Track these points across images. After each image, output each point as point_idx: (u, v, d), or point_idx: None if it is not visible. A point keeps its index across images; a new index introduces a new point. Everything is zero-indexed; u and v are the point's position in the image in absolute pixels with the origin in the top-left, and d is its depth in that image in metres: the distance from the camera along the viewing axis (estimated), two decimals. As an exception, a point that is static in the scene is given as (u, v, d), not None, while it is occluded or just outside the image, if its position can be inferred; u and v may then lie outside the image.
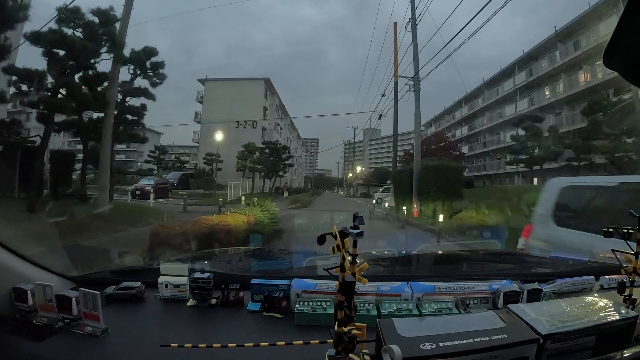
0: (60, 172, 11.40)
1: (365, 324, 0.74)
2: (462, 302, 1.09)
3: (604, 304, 0.83)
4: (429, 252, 1.88)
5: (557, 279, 1.21)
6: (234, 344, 0.85)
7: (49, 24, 9.69)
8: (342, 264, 0.70)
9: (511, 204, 9.04)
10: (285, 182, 29.48)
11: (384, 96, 18.16)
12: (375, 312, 1.02)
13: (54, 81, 9.94)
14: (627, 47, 0.60)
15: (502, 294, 1.07)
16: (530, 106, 23.02)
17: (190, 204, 12.50)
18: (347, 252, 0.69)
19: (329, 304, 1.03)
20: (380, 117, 18.83)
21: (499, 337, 0.68)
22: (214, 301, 1.12)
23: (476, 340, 0.66)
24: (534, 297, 1.08)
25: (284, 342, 0.86)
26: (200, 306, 1.13)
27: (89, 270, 1.37)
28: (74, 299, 0.94)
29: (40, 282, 0.99)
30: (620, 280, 0.95)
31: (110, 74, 10.63)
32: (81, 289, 0.96)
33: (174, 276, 1.17)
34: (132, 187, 14.73)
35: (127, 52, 11.53)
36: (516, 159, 20.74)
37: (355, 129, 34.75)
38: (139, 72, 12.74)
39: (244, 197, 11.71)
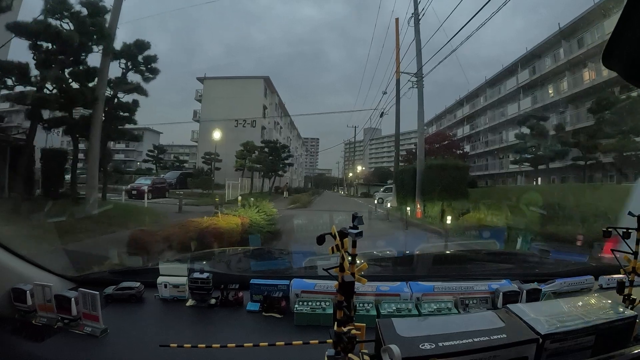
0: (52, 171, 10.88)
1: (364, 324, 0.74)
2: (461, 302, 1.09)
3: (603, 304, 0.83)
4: (428, 252, 1.88)
5: (557, 279, 1.21)
6: (234, 344, 0.85)
7: (36, 15, 9.11)
8: (341, 264, 0.70)
9: (522, 205, 8.64)
10: (285, 182, 29.20)
11: (385, 94, 17.56)
12: (374, 312, 1.02)
13: (39, 75, 9.26)
14: (627, 47, 0.60)
15: (501, 293, 1.08)
16: (533, 105, 22.57)
17: (187, 204, 12.21)
18: (347, 252, 0.69)
19: (328, 304, 1.03)
20: (381, 115, 18.00)
21: (499, 337, 0.68)
22: (213, 301, 1.12)
23: (475, 340, 0.66)
24: (533, 297, 1.09)
25: (283, 342, 0.86)
26: (199, 306, 1.13)
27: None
28: (73, 299, 0.94)
29: (39, 283, 0.99)
30: (619, 280, 0.95)
31: (100, 68, 9.89)
32: (80, 289, 0.96)
33: (173, 276, 1.17)
34: (129, 186, 14.32)
35: (118, 46, 10.89)
36: (522, 158, 20.10)
37: (355, 128, 34.67)
38: (130, 67, 11.87)
39: (240, 197, 11.47)
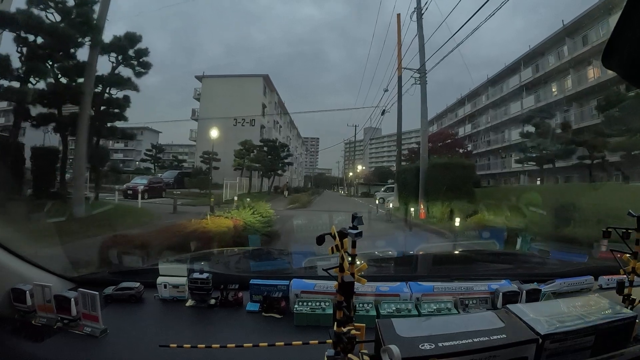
0: (42, 170, 10.31)
1: (364, 324, 0.74)
2: (461, 302, 1.09)
3: (603, 304, 0.83)
4: (427, 252, 1.88)
5: (556, 279, 1.21)
6: (233, 345, 0.85)
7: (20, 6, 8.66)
8: (341, 264, 0.70)
9: (534, 205, 8.01)
10: (285, 182, 28.93)
11: (386, 91, 16.96)
12: (374, 313, 1.02)
13: (21, 68, 8.80)
14: (627, 47, 0.60)
15: (501, 294, 1.08)
16: (536, 103, 22.06)
17: (183, 204, 11.86)
18: (346, 252, 0.69)
19: (328, 304, 1.03)
20: (383, 113, 17.41)
21: (498, 337, 0.68)
22: (213, 301, 1.12)
23: (475, 340, 0.67)
24: (533, 297, 1.09)
25: (283, 343, 0.86)
26: (199, 306, 1.13)
27: None
28: (72, 299, 0.94)
29: (39, 283, 0.99)
30: (619, 280, 0.95)
31: (88, 62, 9.25)
32: (80, 289, 0.96)
33: (173, 277, 1.17)
34: (124, 186, 13.95)
35: (109, 39, 10.41)
36: (527, 157, 19.24)
37: (356, 127, 34.41)
38: (121, 61, 11.22)
39: (236, 198, 11.15)
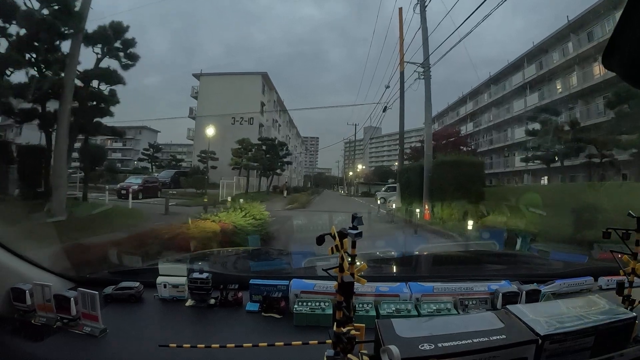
0: (28, 169, 9.76)
1: (364, 325, 0.74)
2: (460, 302, 1.09)
3: (603, 305, 0.83)
4: (427, 252, 1.88)
5: (556, 280, 1.21)
6: (233, 345, 0.85)
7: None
8: (340, 265, 0.70)
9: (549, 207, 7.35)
10: (284, 181, 28.65)
11: (388, 87, 16.33)
12: (374, 313, 1.02)
13: None
14: (627, 48, 0.60)
15: (500, 294, 1.08)
16: (540, 101, 21.51)
17: (178, 204, 11.44)
18: (346, 252, 0.69)
19: (327, 304, 1.03)
20: (384, 110, 16.76)
21: (498, 337, 0.68)
22: (212, 301, 1.12)
23: (475, 340, 0.67)
24: (533, 297, 1.09)
25: (282, 343, 0.86)
26: (199, 306, 1.13)
27: None
28: (72, 299, 0.94)
29: (38, 282, 0.99)
30: (618, 281, 0.95)
31: (70, 52, 8.58)
32: (80, 289, 0.96)
33: (173, 276, 1.17)
34: (118, 186, 13.48)
35: (94, 29, 9.73)
36: (534, 156, 18.59)
37: (356, 125, 34.17)
38: (106, 52, 10.42)
39: (229, 198, 10.66)
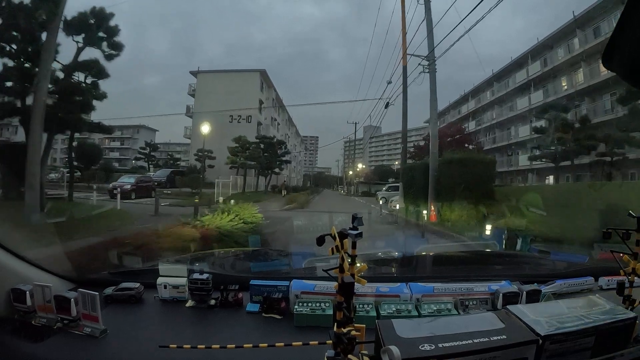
0: (10, 168, 8.88)
1: (364, 325, 0.74)
2: (461, 303, 1.09)
3: (603, 305, 0.83)
4: (428, 253, 1.88)
5: (557, 280, 1.21)
6: (233, 345, 0.85)
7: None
8: (341, 265, 0.70)
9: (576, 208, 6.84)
10: (283, 180, 28.13)
11: (390, 83, 15.58)
12: (374, 313, 1.02)
13: None
14: (627, 48, 0.60)
15: (501, 294, 1.08)
16: (545, 98, 20.87)
17: (172, 205, 10.89)
18: (346, 253, 0.69)
19: (328, 305, 1.03)
20: (387, 106, 15.87)
21: (498, 338, 0.68)
22: (213, 302, 1.12)
23: (475, 341, 0.66)
24: (533, 298, 1.08)
25: (283, 343, 0.86)
26: (199, 307, 1.12)
27: None
28: (72, 299, 0.94)
29: (39, 283, 0.99)
30: (619, 281, 0.95)
31: (46, 41, 7.84)
32: (80, 289, 0.96)
33: (173, 277, 1.17)
34: (110, 185, 12.99)
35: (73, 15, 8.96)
36: (543, 154, 17.74)
37: (356, 124, 33.92)
38: (87, 41, 9.62)
39: (221, 199, 10.29)
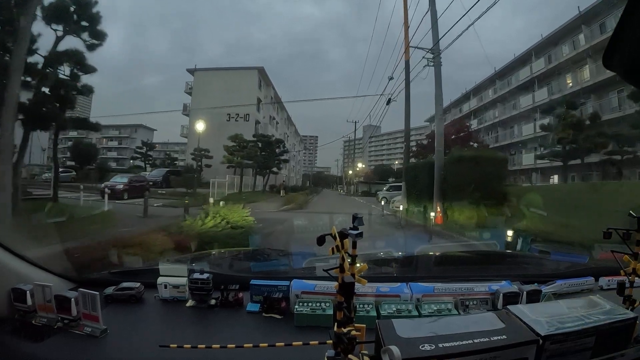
0: None
1: (364, 325, 0.74)
2: (461, 303, 1.09)
3: (603, 305, 0.83)
4: (428, 253, 1.88)
5: (557, 280, 1.21)
6: (233, 345, 0.86)
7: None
8: (341, 265, 0.70)
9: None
10: (282, 180, 27.39)
11: (391, 79, 15.21)
12: (374, 313, 1.02)
13: None
14: (627, 48, 0.60)
15: (501, 295, 1.08)
16: (550, 96, 20.46)
17: (165, 205, 10.58)
18: (347, 253, 0.69)
19: (328, 304, 1.03)
20: (389, 102, 15.50)
21: (499, 338, 0.68)
22: (213, 302, 1.12)
23: (475, 341, 0.66)
24: (534, 298, 1.09)
25: (283, 343, 0.86)
26: (199, 307, 1.13)
27: None
28: (73, 299, 0.94)
29: (39, 283, 0.99)
30: (619, 281, 0.95)
31: (20, 27, 7.05)
32: (80, 289, 0.96)
33: (174, 277, 1.17)
34: (102, 185, 12.43)
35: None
36: (552, 152, 17.06)
37: (356, 122, 33.68)
38: (67, 29, 8.77)
39: (212, 200, 9.62)
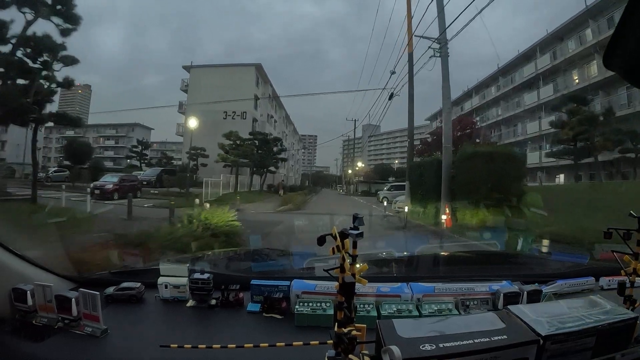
0: None
1: (365, 325, 0.74)
2: (462, 303, 1.09)
3: (604, 305, 0.83)
4: (429, 253, 1.88)
5: (557, 280, 1.21)
6: (234, 345, 0.86)
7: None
8: (341, 265, 0.70)
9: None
10: (281, 179, 26.81)
11: (394, 73, 14.76)
12: (375, 313, 1.02)
13: None
14: (628, 48, 0.60)
15: (502, 294, 1.08)
16: (555, 93, 19.89)
17: (156, 206, 10.07)
18: (347, 253, 0.69)
19: (328, 304, 1.03)
20: (391, 97, 15.10)
21: (499, 338, 0.68)
22: (213, 302, 1.12)
23: (476, 341, 0.66)
24: (534, 298, 1.09)
25: (283, 343, 0.86)
26: (200, 307, 1.13)
27: None
28: (73, 299, 0.94)
29: (39, 283, 0.99)
30: (620, 281, 0.95)
31: None
32: (81, 289, 0.96)
33: (174, 277, 1.17)
34: (92, 185, 11.99)
35: None
36: (566, 149, 16.33)
37: (355, 121, 33.51)
38: (38, 13, 8.04)
39: (197, 201, 9.31)
